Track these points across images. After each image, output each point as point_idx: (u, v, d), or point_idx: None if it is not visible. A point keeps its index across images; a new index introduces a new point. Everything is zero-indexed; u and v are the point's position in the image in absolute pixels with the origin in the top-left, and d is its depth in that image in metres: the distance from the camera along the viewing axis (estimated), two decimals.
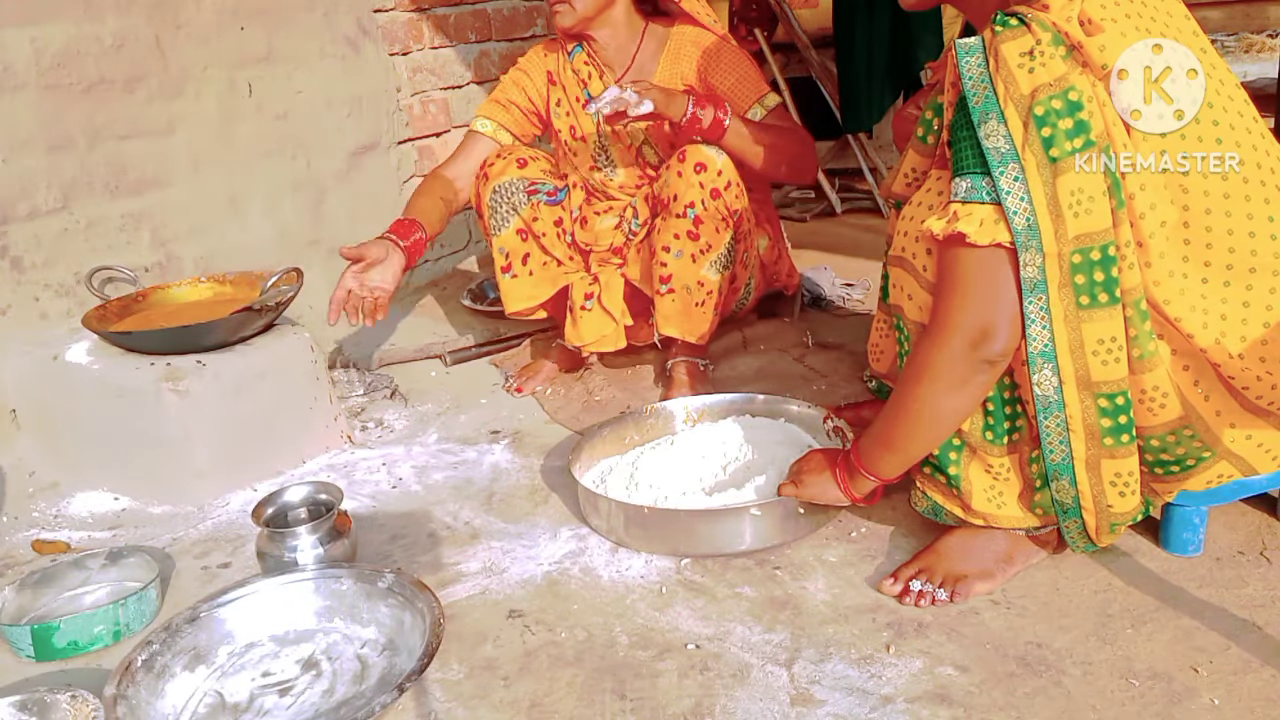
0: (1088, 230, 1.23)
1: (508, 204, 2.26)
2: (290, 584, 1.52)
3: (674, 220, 2.09)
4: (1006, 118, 1.23)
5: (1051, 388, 1.30)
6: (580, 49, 2.31)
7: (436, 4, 3.13)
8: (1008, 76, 1.23)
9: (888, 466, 1.46)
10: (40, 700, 1.29)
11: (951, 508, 1.49)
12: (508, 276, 2.32)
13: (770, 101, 2.19)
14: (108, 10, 2.28)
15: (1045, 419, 1.32)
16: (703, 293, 2.16)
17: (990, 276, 1.27)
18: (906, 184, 1.58)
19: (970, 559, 1.47)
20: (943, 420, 1.39)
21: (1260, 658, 1.26)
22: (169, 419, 1.91)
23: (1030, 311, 1.27)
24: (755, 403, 1.98)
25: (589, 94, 2.29)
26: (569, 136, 2.35)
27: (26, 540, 1.84)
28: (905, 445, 1.43)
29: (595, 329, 2.27)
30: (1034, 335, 1.28)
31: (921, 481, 1.52)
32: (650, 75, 2.26)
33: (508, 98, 2.36)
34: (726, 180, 2.06)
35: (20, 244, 2.15)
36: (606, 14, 2.21)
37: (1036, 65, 1.22)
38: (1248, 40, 7.72)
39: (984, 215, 1.25)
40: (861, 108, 3.56)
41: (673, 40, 2.24)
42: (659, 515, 1.62)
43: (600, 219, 2.32)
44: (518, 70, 2.38)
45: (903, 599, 1.45)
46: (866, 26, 3.41)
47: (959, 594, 1.44)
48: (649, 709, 1.28)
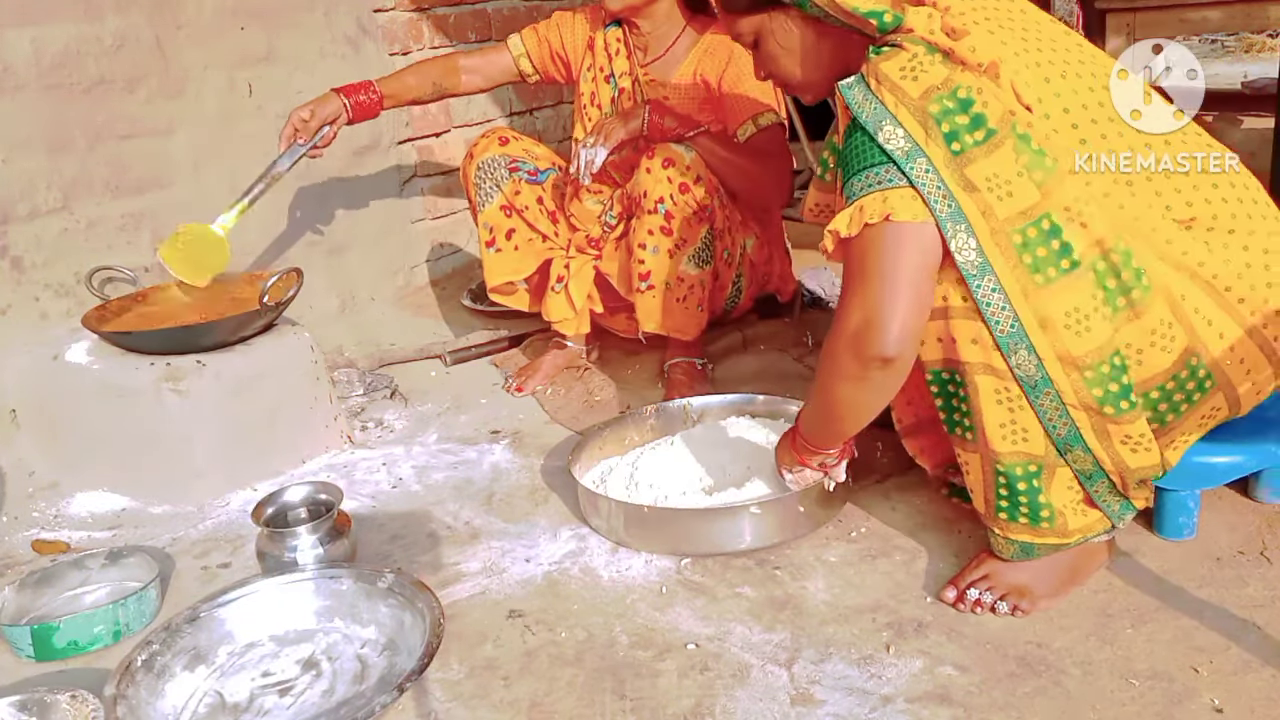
0: (1019, 210, 1.24)
1: (491, 179, 2.32)
2: (290, 584, 1.52)
3: (647, 217, 2.12)
4: (901, 120, 1.26)
5: (1033, 367, 1.28)
6: (616, 25, 2.34)
7: (436, 4, 3.13)
8: (893, 88, 1.27)
9: (824, 438, 1.50)
10: (40, 700, 1.29)
11: (1047, 541, 1.40)
12: (491, 251, 2.37)
13: (763, 120, 2.19)
14: (108, 10, 2.28)
15: (1037, 399, 1.30)
16: (683, 288, 2.17)
17: (880, 261, 1.26)
18: (816, 215, 1.60)
19: (1040, 573, 1.42)
20: (856, 412, 1.40)
21: (1260, 658, 1.26)
22: (169, 419, 1.91)
23: (982, 295, 1.26)
24: (755, 403, 1.98)
25: (612, 69, 2.34)
26: (588, 102, 2.40)
27: (26, 540, 1.84)
28: (834, 428, 1.47)
29: (560, 311, 2.36)
30: (995, 319, 1.27)
31: (1001, 529, 1.42)
32: (676, 68, 2.29)
33: (545, 35, 2.41)
34: (695, 175, 2.08)
35: (20, 244, 2.15)
36: (653, 6, 2.24)
37: (920, 72, 1.27)
38: (1248, 40, 7.71)
39: (869, 201, 1.26)
40: None
41: (702, 44, 2.27)
42: (659, 515, 1.62)
43: (590, 198, 2.35)
44: (567, 19, 2.42)
45: (957, 605, 1.42)
46: None
47: (1021, 609, 1.39)
48: (649, 709, 1.28)
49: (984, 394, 1.33)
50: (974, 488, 1.43)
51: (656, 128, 2.10)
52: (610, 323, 2.47)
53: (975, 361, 1.31)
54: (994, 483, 1.38)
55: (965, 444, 1.40)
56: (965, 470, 1.43)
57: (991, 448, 1.35)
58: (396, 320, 2.87)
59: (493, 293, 2.45)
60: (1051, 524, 1.38)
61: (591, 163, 2.10)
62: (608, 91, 2.36)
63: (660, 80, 2.31)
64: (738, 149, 2.14)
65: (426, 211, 3.16)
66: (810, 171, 3.69)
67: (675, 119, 2.11)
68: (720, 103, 2.22)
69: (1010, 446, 1.34)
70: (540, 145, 2.44)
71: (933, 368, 1.38)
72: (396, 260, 3.06)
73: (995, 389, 1.32)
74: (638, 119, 2.11)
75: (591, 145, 2.10)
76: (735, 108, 2.20)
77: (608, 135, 2.10)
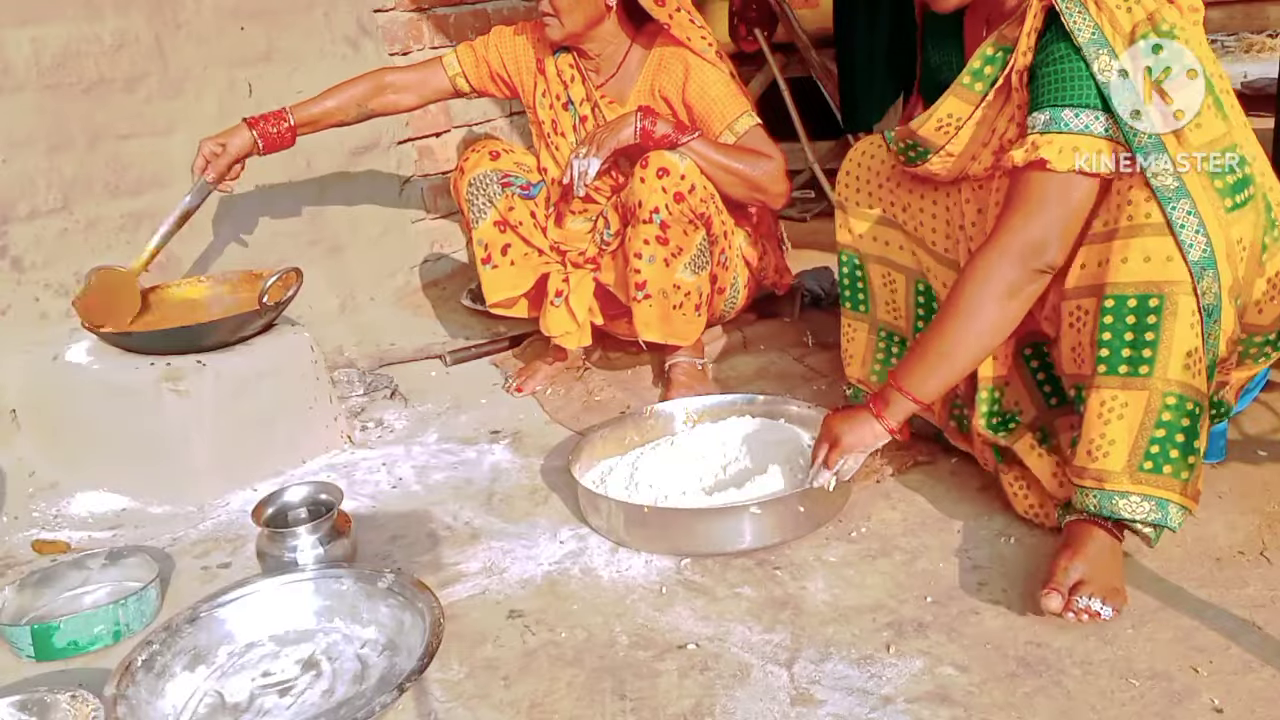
0: (1208, 139, 1.36)
1: (484, 195, 2.28)
2: (290, 584, 1.52)
3: (642, 226, 2.10)
4: (1117, 53, 1.36)
5: (1213, 295, 1.35)
6: (565, 50, 2.31)
7: (436, 4, 3.13)
8: (1110, 17, 1.37)
9: (928, 384, 1.50)
10: (40, 700, 1.29)
11: (1179, 500, 1.39)
12: (488, 268, 2.34)
13: (741, 126, 2.16)
14: (108, 10, 2.28)
15: (1209, 327, 1.36)
16: (680, 295, 2.16)
17: (1057, 197, 1.39)
18: (938, 128, 1.60)
19: (1118, 572, 1.41)
20: (989, 329, 1.45)
21: (1260, 658, 1.26)
22: (169, 419, 1.91)
23: (1178, 219, 1.33)
24: (755, 403, 1.98)
25: (569, 96, 2.31)
26: (551, 130, 2.36)
27: (26, 540, 1.84)
28: (950, 356, 1.47)
29: (561, 325, 2.33)
30: (1190, 243, 1.33)
31: (1137, 483, 1.39)
32: (631, 86, 2.27)
33: (483, 54, 2.36)
34: (690, 184, 2.06)
35: (20, 244, 2.15)
36: (595, 30, 2.21)
37: (1133, 4, 1.37)
38: (1248, 40, 7.71)
39: (1063, 144, 1.37)
40: (861, 108, 3.56)
41: (653, 58, 2.24)
42: (659, 514, 1.62)
43: (573, 219, 2.34)
44: (506, 38, 2.36)
45: (1065, 614, 1.35)
46: (867, 26, 3.41)
47: (1117, 610, 1.36)
48: (649, 709, 1.28)
49: (1181, 318, 1.34)
50: (1115, 436, 1.38)
51: (648, 135, 2.09)
52: (612, 327, 2.44)
53: (1178, 280, 1.34)
54: (1154, 423, 1.37)
55: (1129, 382, 1.38)
56: (1104, 415, 1.39)
57: (1170, 378, 1.35)
58: (396, 320, 2.87)
59: (493, 307, 2.42)
60: (1191, 476, 1.38)
61: (585, 174, 2.08)
62: (568, 119, 2.33)
63: (618, 100, 2.28)
64: (731, 151, 2.13)
65: (426, 211, 3.16)
66: (810, 171, 3.70)
67: (666, 125, 2.09)
68: (690, 117, 2.19)
69: (1188, 379, 1.36)
70: (531, 155, 2.40)
71: (1120, 291, 1.37)
72: (396, 260, 3.06)
73: (1191, 312, 1.35)
74: (629, 127, 2.09)
75: (584, 156, 2.09)
76: (707, 118, 2.17)
77: (600, 145, 2.09)
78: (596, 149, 2.09)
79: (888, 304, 1.86)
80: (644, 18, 2.25)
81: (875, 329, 1.89)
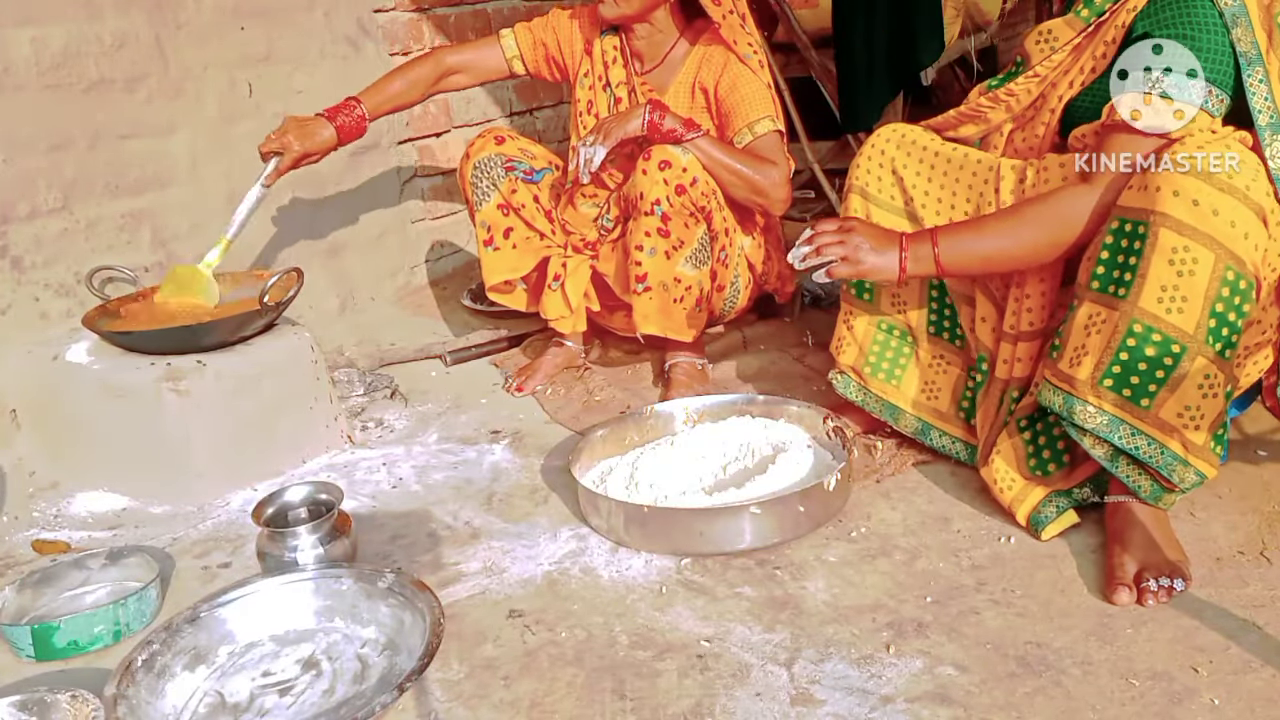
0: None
1: (488, 179, 2.32)
2: (290, 584, 1.52)
3: (643, 219, 2.11)
4: (1254, 24, 1.39)
5: None
6: (613, 32, 2.34)
7: (436, 4, 3.13)
8: None
9: (959, 253, 1.56)
10: (40, 700, 1.29)
11: (1149, 429, 1.43)
12: (489, 250, 2.37)
13: (761, 128, 2.17)
14: (108, 10, 2.28)
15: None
16: (680, 289, 2.17)
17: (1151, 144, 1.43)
18: (1038, 41, 1.69)
19: (1171, 542, 1.45)
20: (1067, 223, 1.49)
21: (1260, 658, 1.26)
22: (169, 419, 1.91)
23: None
24: (755, 403, 1.98)
25: (609, 78, 2.35)
26: (585, 110, 2.40)
27: (26, 540, 1.84)
28: (1001, 234, 1.54)
29: (556, 309, 2.36)
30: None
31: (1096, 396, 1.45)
32: (673, 77, 2.30)
33: (541, 37, 2.40)
34: (692, 177, 2.08)
35: (20, 244, 2.15)
36: (651, 14, 2.25)
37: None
38: None
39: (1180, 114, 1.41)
40: (860, 107, 3.55)
41: (698, 53, 2.28)
42: (659, 514, 1.62)
43: (584, 202, 2.35)
44: (563, 21, 2.40)
45: (1144, 601, 1.38)
46: (866, 26, 3.41)
47: (1187, 579, 1.40)
48: (649, 709, 1.28)
49: (1161, 252, 1.37)
50: (1091, 348, 1.45)
51: (655, 128, 2.10)
52: (609, 321, 2.47)
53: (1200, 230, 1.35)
54: (1119, 345, 1.42)
55: (1110, 301, 1.43)
56: (1088, 328, 1.45)
57: (1143, 307, 1.39)
58: (396, 320, 2.87)
59: (491, 291, 2.45)
60: (1152, 404, 1.41)
61: (590, 161, 2.09)
62: (605, 100, 2.37)
63: (657, 89, 2.31)
64: (736, 153, 2.13)
65: (426, 211, 3.16)
66: (810, 171, 3.70)
67: (674, 120, 2.11)
68: (718, 110, 2.22)
69: (1160, 313, 1.39)
70: (537, 145, 2.44)
71: (1120, 214, 1.43)
72: (396, 260, 3.07)
73: (1172, 249, 1.37)
74: (637, 119, 2.11)
75: (591, 144, 2.10)
76: (731, 114, 2.19)
77: (607, 134, 2.10)
78: (604, 137, 2.10)
79: (895, 297, 1.86)
80: (697, 12, 2.29)
81: (877, 321, 1.89)
